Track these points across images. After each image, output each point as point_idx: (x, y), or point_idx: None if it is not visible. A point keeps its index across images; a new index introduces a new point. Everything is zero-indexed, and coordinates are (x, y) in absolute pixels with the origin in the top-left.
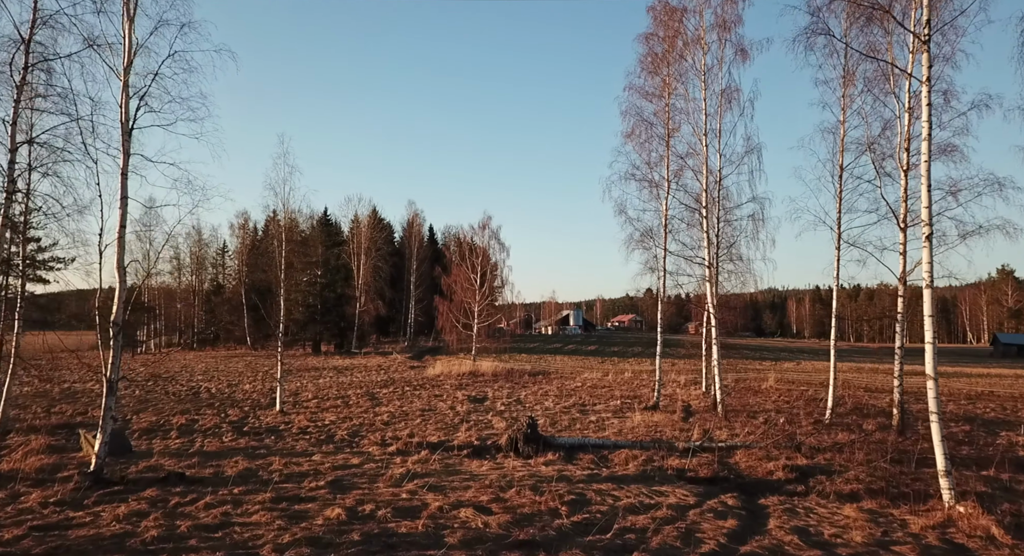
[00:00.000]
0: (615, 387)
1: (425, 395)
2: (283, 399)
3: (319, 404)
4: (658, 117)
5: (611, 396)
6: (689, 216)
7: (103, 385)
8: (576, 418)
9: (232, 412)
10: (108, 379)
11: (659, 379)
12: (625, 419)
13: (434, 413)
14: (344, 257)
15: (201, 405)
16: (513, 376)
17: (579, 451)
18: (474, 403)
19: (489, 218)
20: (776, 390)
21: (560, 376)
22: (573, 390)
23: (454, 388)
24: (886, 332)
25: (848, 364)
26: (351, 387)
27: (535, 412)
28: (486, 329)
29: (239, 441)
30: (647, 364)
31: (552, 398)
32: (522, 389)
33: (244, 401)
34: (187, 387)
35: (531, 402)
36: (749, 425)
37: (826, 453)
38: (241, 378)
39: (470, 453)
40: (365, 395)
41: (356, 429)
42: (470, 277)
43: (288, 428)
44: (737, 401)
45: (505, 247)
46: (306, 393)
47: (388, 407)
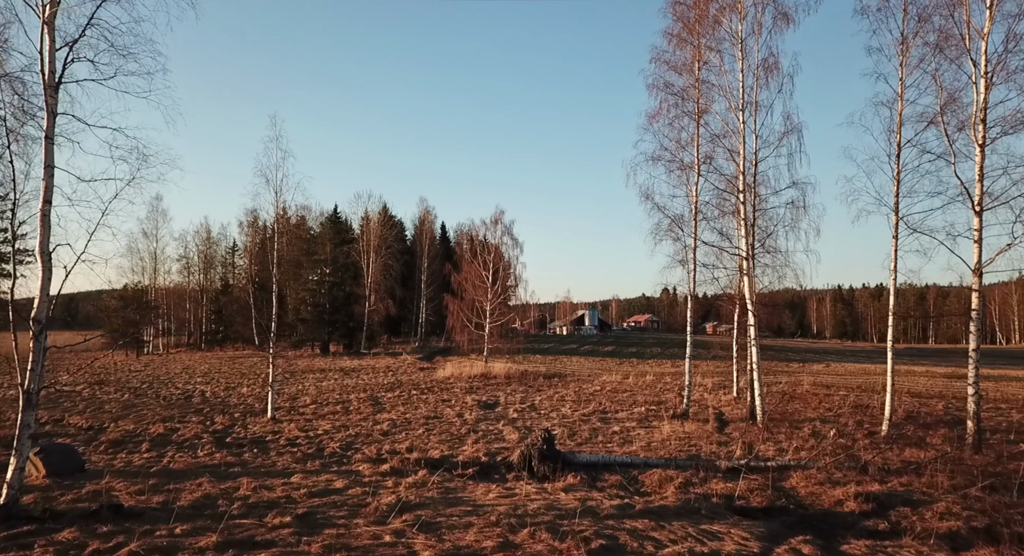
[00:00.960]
0: (637, 391)
1: (432, 400)
2: (275, 405)
3: (316, 410)
4: (688, 92)
5: (634, 402)
6: (720, 203)
7: (20, 396)
8: (597, 428)
9: (219, 420)
10: (26, 390)
11: (688, 384)
12: (652, 429)
13: (440, 421)
14: (354, 255)
15: (189, 411)
16: (527, 379)
17: (604, 471)
18: (484, 409)
19: (502, 212)
20: (813, 395)
21: (577, 379)
22: (592, 395)
23: (464, 392)
24: (910, 332)
25: (881, 366)
26: (355, 390)
27: (551, 420)
28: (499, 329)
29: (215, 456)
30: (668, 366)
31: (569, 404)
32: (536, 393)
33: (237, 406)
34: (181, 390)
35: (546, 408)
36: (795, 438)
37: (900, 476)
38: (241, 381)
39: (476, 473)
40: (368, 400)
41: (351, 441)
42: (481, 274)
43: (276, 439)
44: (774, 408)
45: (518, 243)
46: (305, 397)
47: (391, 414)
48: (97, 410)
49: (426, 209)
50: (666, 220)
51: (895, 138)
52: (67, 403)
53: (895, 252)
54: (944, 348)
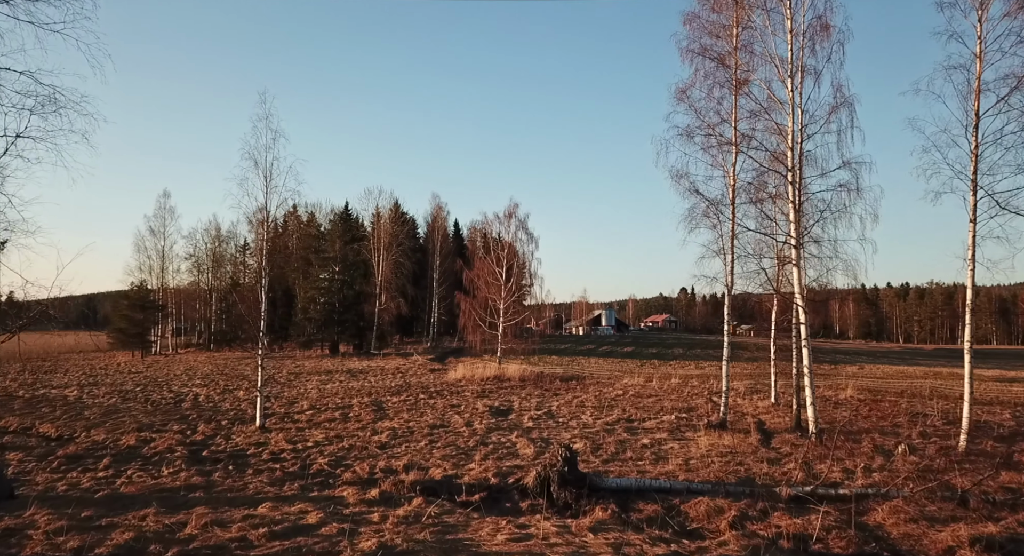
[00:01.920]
0: (663, 396)
1: (440, 405)
2: (267, 411)
3: (312, 417)
4: (727, 59)
5: (661, 408)
6: (761, 184)
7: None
8: (624, 441)
9: (203, 428)
10: None
11: (726, 389)
12: (687, 442)
13: (446, 431)
14: (364, 253)
15: (173, 418)
16: (543, 381)
17: (638, 498)
18: (496, 416)
19: (516, 205)
20: (858, 401)
21: (596, 382)
22: (614, 400)
23: (475, 396)
24: (938, 332)
25: (921, 368)
26: (358, 394)
27: (570, 430)
28: (513, 328)
29: (179, 476)
30: (692, 367)
31: (590, 410)
32: (553, 397)
33: (228, 412)
34: (174, 394)
35: (565, 416)
36: (858, 455)
37: (1015, 511)
38: (241, 383)
39: (483, 500)
40: (370, 405)
41: (343, 455)
42: (495, 271)
43: (258, 452)
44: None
45: (534, 238)
46: (304, 402)
47: (393, 421)
48: (75, 416)
49: (438, 205)
50: (702, 203)
51: (972, 106)
52: (46, 408)
53: (972, 239)
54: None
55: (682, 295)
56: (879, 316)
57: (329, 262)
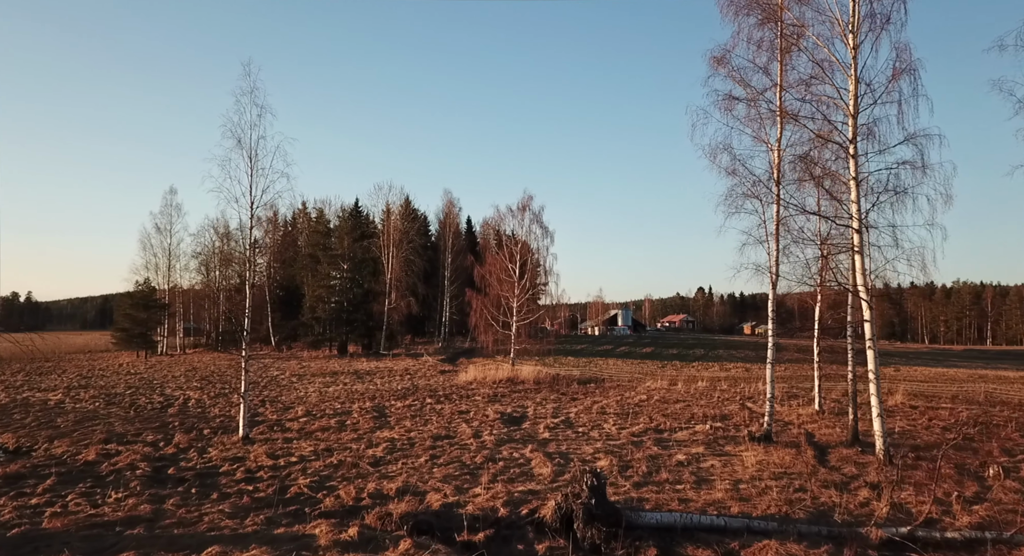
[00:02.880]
0: (691, 402)
1: (448, 411)
2: (254, 419)
3: (305, 425)
4: (774, 13)
5: (691, 416)
6: (809, 163)
7: None
8: (656, 456)
9: (180, 438)
10: None
11: (771, 397)
12: (730, 459)
13: (451, 443)
14: (374, 250)
15: (152, 426)
16: (559, 384)
17: (684, 539)
18: (508, 425)
19: (530, 197)
20: (910, 409)
21: (617, 385)
22: (639, 405)
23: (486, 401)
24: (965, 333)
25: (961, 370)
26: (361, 398)
27: (592, 442)
28: (527, 328)
29: (126, 503)
30: (716, 369)
31: (613, 418)
32: (571, 403)
33: (215, 419)
34: (164, 398)
35: (585, 424)
36: (944, 480)
37: None
38: (238, 386)
39: (489, 540)
40: (372, 410)
41: (329, 474)
42: (507, 267)
43: (232, 471)
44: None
45: (549, 232)
46: (301, 407)
47: (393, 431)
48: (45, 424)
49: (450, 201)
50: (745, 183)
51: None
52: (18, 414)
53: None
54: (1008, 350)
55: (699, 294)
56: (903, 316)
57: (337, 260)
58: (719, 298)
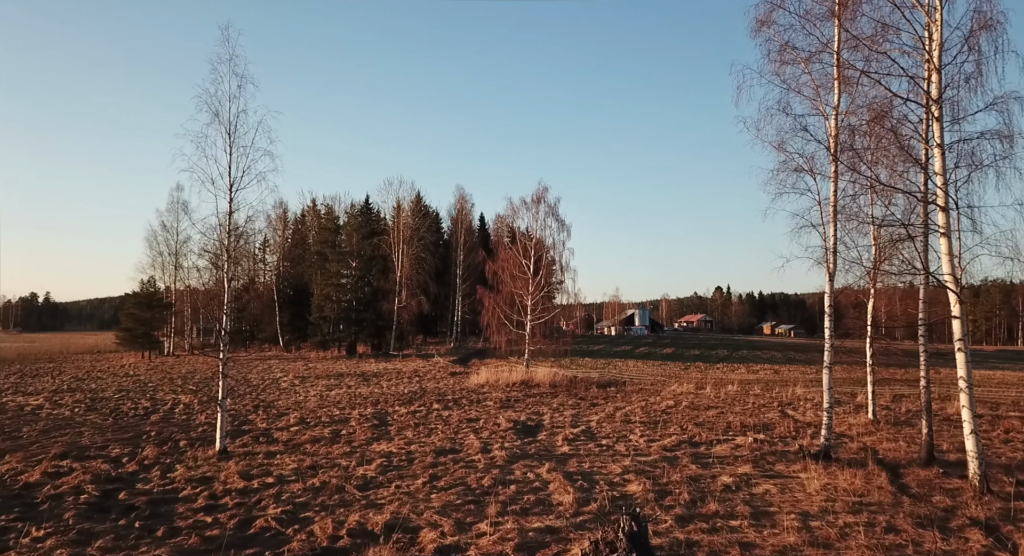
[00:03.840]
0: (724, 408)
1: (455, 418)
2: (233, 429)
3: (296, 434)
4: None
5: (728, 425)
6: (878, 131)
7: None
8: (697, 478)
9: (149, 452)
10: None
11: (829, 407)
12: (786, 482)
13: (456, 459)
14: (384, 247)
15: (123, 437)
16: (577, 388)
17: None
18: (522, 437)
19: (545, 189)
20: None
21: (639, 388)
22: (666, 412)
23: (498, 407)
24: (995, 333)
25: (1011, 373)
26: (363, 403)
27: (619, 457)
28: (542, 327)
29: (48, 542)
30: (742, 371)
31: (640, 428)
32: (591, 409)
33: (197, 428)
34: (152, 402)
35: (608, 435)
36: None
37: None
38: (237, 388)
39: None
40: (372, 418)
41: (307, 500)
42: (521, 263)
43: (193, 496)
44: (942, 440)
45: (565, 226)
46: (296, 413)
47: (392, 443)
48: (7, 435)
49: (462, 196)
50: (799, 157)
51: None
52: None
53: None
54: None
55: (717, 294)
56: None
57: (346, 257)
58: (737, 297)
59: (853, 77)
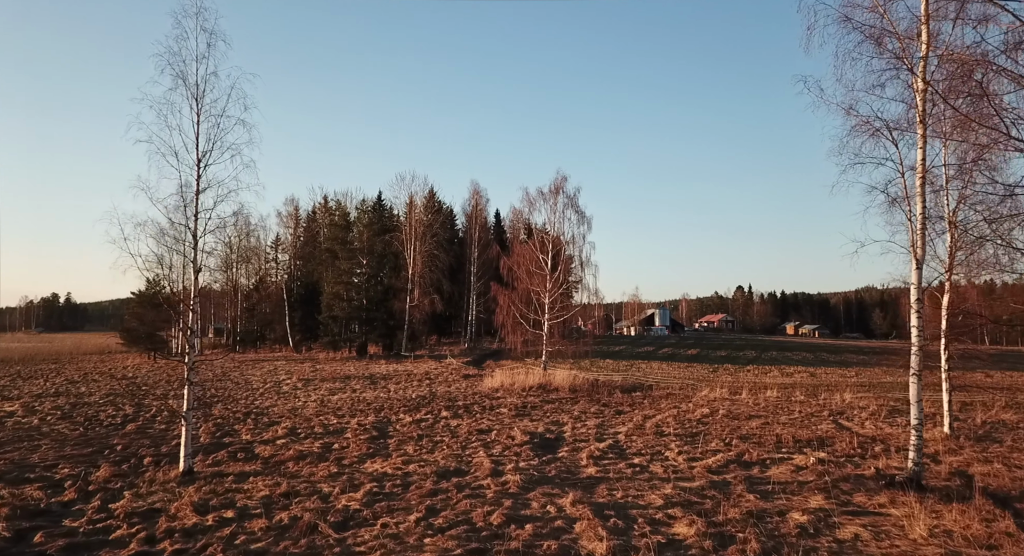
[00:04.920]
0: (769, 418)
1: (465, 429)
2: (209, 443)
3: (281, 449)
4: None
5: (777, 438)
6: (980, 88)
7: None
8: (761, 514)
9: (104, 472)
10: None
11: (919, 423)
12: (877, 521)
13: (460, 484)
14: (396, 244)
15: (81, 453)
16: (599, 393)
17: None
18: (540, 453)
19: (563, 178)
20: None
21: (667, 393)
22: (703, 423)
23: (512, 415)
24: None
25: None
26: (365, 410)
27: (657, 482)
28: (560, 327)
29: None
30: (775, 374)
31: (676, 442)
32: (617, 418)
33: (173, 440)
34: (135, 409)
35: (640, 451)
36: None
37: None
38: (234, 392)
39: None
40: (372, 428)
41: (265, 547)
42: (538, 258)
43: (125, 539)
44: None
45: (585, 218)
46: (288, 422)
47: (388, 461)
48: None
49: (476, 191)
50: (877, 121)
51: None
52: None
53: None
54: None
55: (739, 293)
56: None
57: (356, 254)
58: (759, 297)
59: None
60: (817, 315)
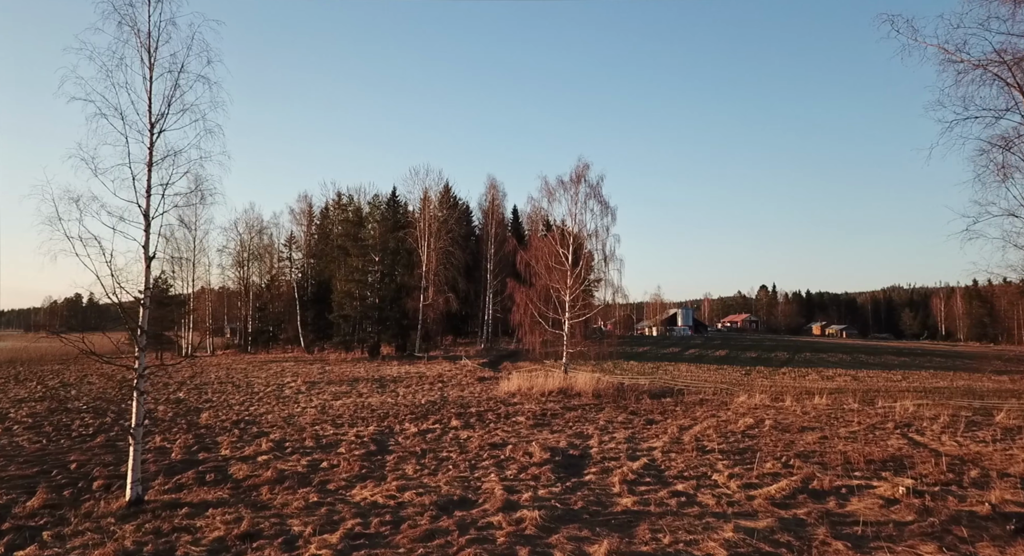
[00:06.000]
0: (825, 430)
1: (476, 443)
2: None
3: (260, 468)
4: None
5: (844, 457)
6: None
7: None
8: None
9: (35, 501)
10: None
11: None
12: None
13: (464, 521)
14: (409, 241)
15: (27, 472)
16: (626, 398)
17: None
18: (563, 476)
19: (586, 166)
20: None
21: (701, 399)
22: (750, 435)
23: (530, 424)
24: None
25: None
26: (368, 418)
27: (712, 520)
28: (581, 327)
29: None
30: (814, 377)
31: (723, 462)
32: (648, 429)
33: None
34: (112, 417)
35: (681, 471)
36: None
37: None
38: (233, 395)
39: None
40: (371, 440)
41: None
42: (557, 251)
43: None
44: None
45: (609, 208)
46: (278, 432)
47: (381, 487)
48: None
49: (493, 184)
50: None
51: None
52: None
53: None
54: None
55: (762, 293)
56: (994, 316)
57: (368, 251)
58: (783, 296)
59: None
60: (844, 315)
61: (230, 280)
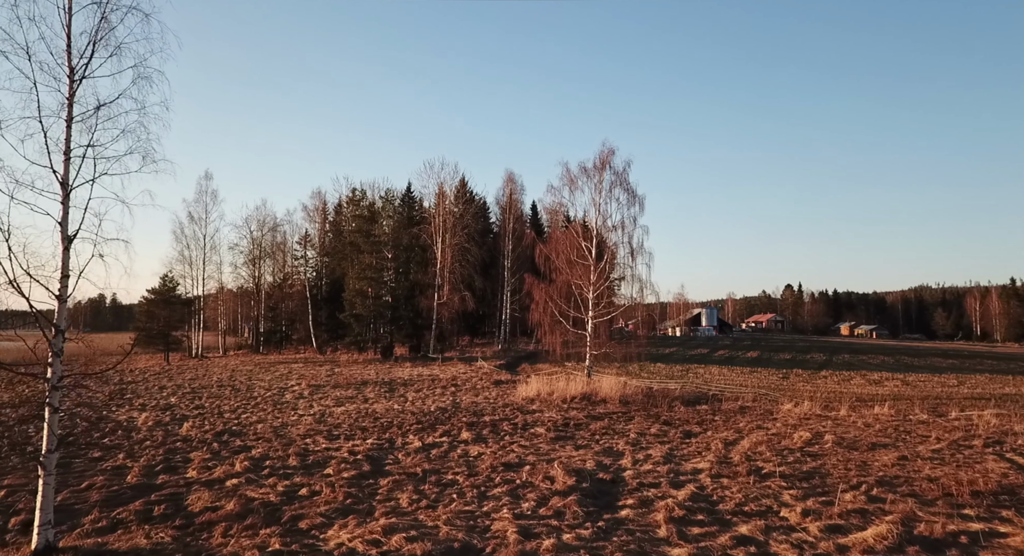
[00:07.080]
0: (900, 447)
1: (487, 462)
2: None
3: (223, 497)
4: None
5: (939, 488)
6: None
7: None
8: None
9: None
10: None
11: None
12: None
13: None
14: (423, 237)
15: None
16: (657, 405)
17: None
18: (592, 511)
19: (611, 151)
20: None
21: (741, 407)
22: (810, 454)
23: (551, 436)
24: None
25: None
26: (369, 429)
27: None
28: (606, 326)
29: None
30: (859, 381)
31: (789, 491)
32: (687, 444)
33: (92, 476)
34: (84, 426)
35: (740, 505)
36: None
37: None
38: (220, 404)
39: None
40: (366, 459)
41: None
42: (580, 245)
43: None
44: None
45: (637, 198)
46: (261, 448)
47: (364, 527)
48: None
49: (511, 178)
50: None
51: None
52: None
53: None
54: None
55: (788, 292)
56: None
57: (381, 247)
58: (810, 296)
59: None
60: (872, 315)
61: (242, 278)
